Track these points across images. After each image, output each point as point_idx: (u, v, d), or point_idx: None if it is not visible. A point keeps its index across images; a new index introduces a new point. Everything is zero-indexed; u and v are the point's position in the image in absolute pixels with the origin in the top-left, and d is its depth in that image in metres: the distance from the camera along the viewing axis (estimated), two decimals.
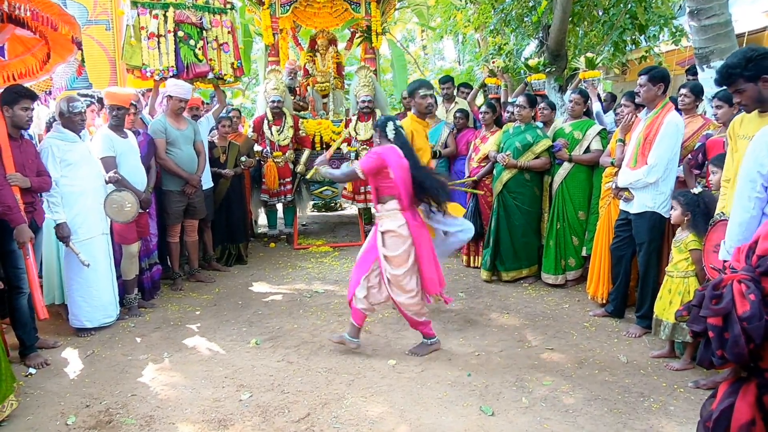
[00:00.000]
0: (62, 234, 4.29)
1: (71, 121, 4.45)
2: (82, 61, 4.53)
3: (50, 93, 4.67)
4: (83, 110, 4.51)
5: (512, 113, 5.87)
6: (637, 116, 4.77)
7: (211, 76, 6.52)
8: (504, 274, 5.82)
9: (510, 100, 6.96)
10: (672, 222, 3.98)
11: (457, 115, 6.66)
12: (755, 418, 1.72)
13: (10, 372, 3.39)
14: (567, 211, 5.51)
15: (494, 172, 5.88)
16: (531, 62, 7.56)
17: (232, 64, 6.64)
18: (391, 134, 4.06)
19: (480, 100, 8.30)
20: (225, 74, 6.60)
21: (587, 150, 5.41)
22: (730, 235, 2.87)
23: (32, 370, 3.94)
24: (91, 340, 4.51)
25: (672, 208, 3.97)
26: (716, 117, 4.31)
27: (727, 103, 4.12)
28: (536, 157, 5.56)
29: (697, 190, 3.90)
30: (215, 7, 6.50)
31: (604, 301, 5.03)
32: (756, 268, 1.65)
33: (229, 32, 6.60)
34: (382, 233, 4.02)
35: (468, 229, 4.51)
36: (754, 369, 1.74)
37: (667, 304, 3.90)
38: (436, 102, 4.44)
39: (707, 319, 1.66)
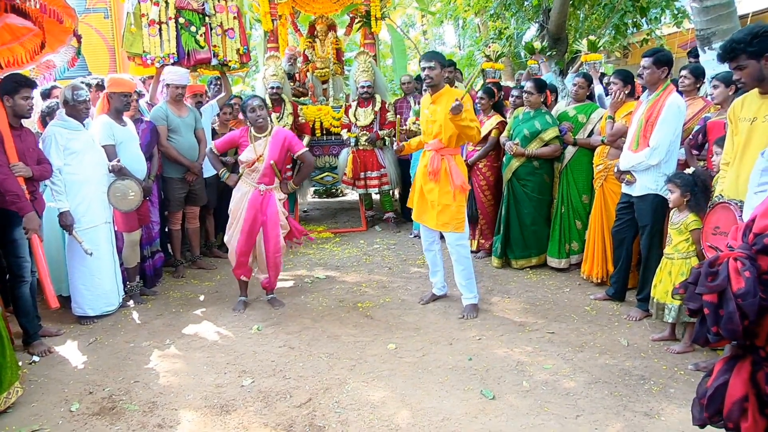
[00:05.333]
0: (65, 222, 4.30)
1: (75, 109, 4.45)
2: (78, 52, 4.50)
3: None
4: (87, 99, 4.51)
5: (516, 97, 5.84)
6: (625, 93, 4.76)
7: (215, 62, 6.47)
8: (514, 262, 5.82)
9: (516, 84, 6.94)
10: (671, 205, 3.97)
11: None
12: (748, 394, 1.74)
13: (15, 360, 3.42)
14: (571, 195, 5.50)
15: (504, 159, 5.85)
16: (536, 44, 7.49)
17: (238, 50, 6.56)
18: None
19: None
20: (230, 60, 6.53)
21: (591, 134, 5.38)
22: None
23: (36, 358, 3.97)
24: (94, 327, 4.53)
25: (669, 191, 3.95)
26: (712, 97, 4.28)
27: (723, 84, 4.11)
28: (545, 144, 5.50)
29: (690, 170, 3.90)
30: None
31: (598, 281, 5.08)
32: (752, 246, 1.65)
33: (234, 18, 6.51)
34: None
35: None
36: (749, 346, 1.75)
37: (670, 287, 3.88)
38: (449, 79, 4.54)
39: (703, 296, 1.67)
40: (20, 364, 3.61)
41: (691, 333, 3.83)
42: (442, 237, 4.77)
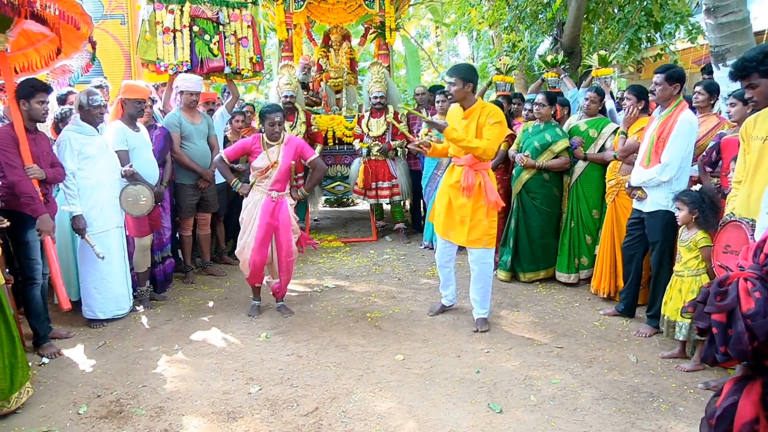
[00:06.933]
0: (78, 226, 4.35)
1: (90, 114, 4.50)
2: (93, 58, 4.58)
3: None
4: (102, 104, 4.56)
5: (530, 110, 5.83)
6: (639, 108, 4.76)
7: (228, 70, 6.52)
8: (521, 275, 5.78)
9: (526, 97, 6.93)
10: (680, 223, 3.96)
11: None
12: (759, 417, 1.72)
13: (26, 360, 3.45)
14: (581, 210, 5.48)
15: (514, 171, 5.84)
16: (549, 58, 7.49)
17: (251, 58, 6.61)
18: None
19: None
20: (242, 69, 6.58)
21: (602, 148, 5.36)
22: None
23: (45, 360, 4.00)
24: (103, 331, 4.56)
25: (678, 209, 3.94)
26: (729, 115, 4.27)
27: (741, 101, 4.08)
28: (555, 157, 5.49)
29: (696, 187, 3.89)
30: (235, 1, 6.50)
31: (605, 296, 5.08)
32: (763, 266, 1.64)
33: (249, 26, 6.56)
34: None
35: None
36: (759, 367, 1.73)
37: (680, 304, 3.86)
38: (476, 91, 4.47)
39: (711, 315, 1.66)
40: (30, 365, 3.64)
41: (702, 351, 3.80)
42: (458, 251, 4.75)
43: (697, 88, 4.72)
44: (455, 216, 4.47)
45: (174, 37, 6.14)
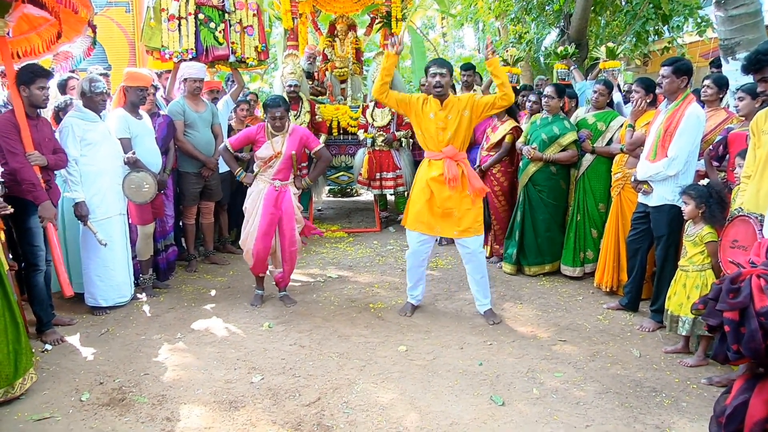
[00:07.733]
0: (81, 213, 4.34)
1: (92, 100, 4.48)
2: (93, 42, 4.55)
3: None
4: (105, 90, 4.54)
5: (534, 103, 5.80)
6: (647, 101, 4.71)
7: (232, 59, 6.49)
8: (527, 268, 5.75)
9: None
10: (686, 217, 3.93)
11: None
12: None
13: (30, 347, 3.46)
14: (587, 203, 5.44)
15: (521, 164, 5.80)
16: (560, 50, 7.43)
17: (256, 47, 6.57)
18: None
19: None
20: (247, 57, 6.54)
21: (610, 141, 5.32)
22: None
23: (48, 347, 4.01)
24: (106, 318, 4.57)
25: (684, 203, 3.91)
26: (737, 109, 4.22)
27: (749, 95, 4.03)
28: (563, 150, 5.45)
29: (704, 181, 3.85)
30: None
31: (609, 290, 5.07)
32: None
33: (254, 15, 6.52)
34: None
35: None
36: None
37: (685, 300, 3.84)
38: (452, 85, 4.33)
39: (723, 313, 1.64)
40: (33, 351, 3.64)
41: (705, 346, 3.78)
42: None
43: (706, 82, 4.67)
44: (438, 210, 4.43)
45: (179, 25, 6.10)
